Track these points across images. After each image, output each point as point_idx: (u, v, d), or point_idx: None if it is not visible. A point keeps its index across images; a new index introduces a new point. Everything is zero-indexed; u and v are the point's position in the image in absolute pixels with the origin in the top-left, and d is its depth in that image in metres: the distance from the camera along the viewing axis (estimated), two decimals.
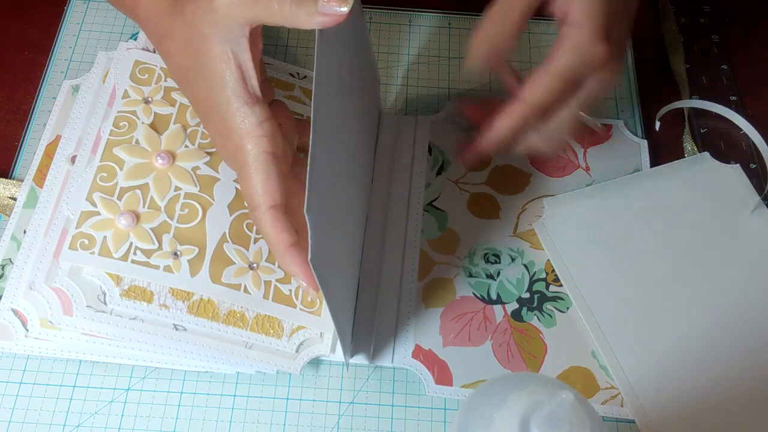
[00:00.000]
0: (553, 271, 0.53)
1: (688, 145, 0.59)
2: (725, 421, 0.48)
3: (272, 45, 0.62)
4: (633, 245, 0.54)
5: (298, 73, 0.58)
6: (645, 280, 0.52)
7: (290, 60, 0.61)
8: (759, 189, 0.56)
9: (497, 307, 0.52)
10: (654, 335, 0.50)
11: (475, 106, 0.54)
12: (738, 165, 0.57)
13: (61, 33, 0.63)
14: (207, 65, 0.43)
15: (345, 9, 0.39)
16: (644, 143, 0.59)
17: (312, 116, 0.37)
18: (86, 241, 0.46)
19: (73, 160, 0.52)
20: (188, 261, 0.47)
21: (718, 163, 0.57)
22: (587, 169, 0.58)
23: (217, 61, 0.42)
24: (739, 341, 0.50)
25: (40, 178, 0.53)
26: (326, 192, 0.39)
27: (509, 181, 0.57)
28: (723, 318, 0.51)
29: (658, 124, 0.60)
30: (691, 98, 0.62)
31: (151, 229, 0.48)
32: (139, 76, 0.54)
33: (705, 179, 0.56)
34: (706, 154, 0.58)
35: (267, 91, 0.49)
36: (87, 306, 0.45)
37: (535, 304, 0.52)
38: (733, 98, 0.62)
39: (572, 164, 0.58)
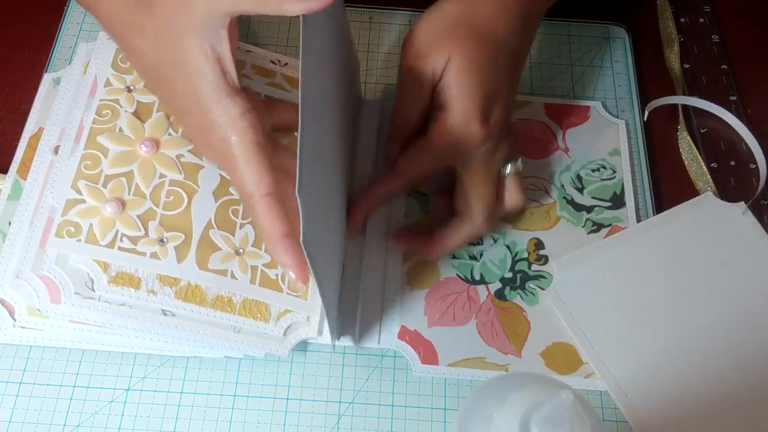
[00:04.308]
0: (535, 250, 0.54)
1: (683, 142, 0.60)
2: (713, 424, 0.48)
3: (253, 33, 0.62)
4: (645, 299, 0.52)
5: (279, 60, 0.58)
6: (659, 331, 0.51)
7: (271, 48, 0.61)
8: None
9: (481, 287, 0.53)
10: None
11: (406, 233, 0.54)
12: (742, 203, 0.56)
13: (61, 33, 0.62)
14: (184, 60, 0.41)
15: None
16: (622, 123, 0.60)
17: (300, 99, 0.37)
18: (72, 229, 0.47)
19: (56, 150, 0.52)
20: (174, 247, 0.48)
21: (722, 203, 0.56)
22: (566, 150, 0.59)
23: (195, 56, 0.41)
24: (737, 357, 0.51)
25: (24, 170, 0.53)
26: (313, 173, 0.40)
27: None
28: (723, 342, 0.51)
29: (646, 114, 0.61)
30: (690, 96, 0.62)
31: (137, 216, 0.48)
32: (120, 64, 0.54)
33: (710, 221, 0.55)
34: (709, 194, 0.56)
35: None
36: (75, 293, 0.45)
37: (518, 283, 0.53)
38: (733, 98, 0.62)
39: (552, 145, 0.59)
